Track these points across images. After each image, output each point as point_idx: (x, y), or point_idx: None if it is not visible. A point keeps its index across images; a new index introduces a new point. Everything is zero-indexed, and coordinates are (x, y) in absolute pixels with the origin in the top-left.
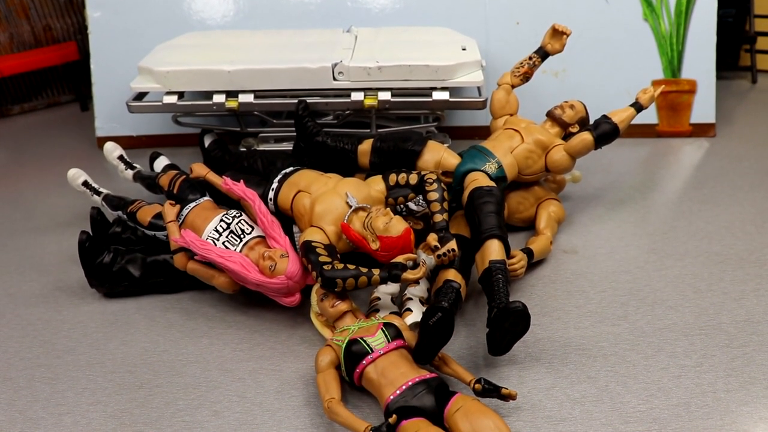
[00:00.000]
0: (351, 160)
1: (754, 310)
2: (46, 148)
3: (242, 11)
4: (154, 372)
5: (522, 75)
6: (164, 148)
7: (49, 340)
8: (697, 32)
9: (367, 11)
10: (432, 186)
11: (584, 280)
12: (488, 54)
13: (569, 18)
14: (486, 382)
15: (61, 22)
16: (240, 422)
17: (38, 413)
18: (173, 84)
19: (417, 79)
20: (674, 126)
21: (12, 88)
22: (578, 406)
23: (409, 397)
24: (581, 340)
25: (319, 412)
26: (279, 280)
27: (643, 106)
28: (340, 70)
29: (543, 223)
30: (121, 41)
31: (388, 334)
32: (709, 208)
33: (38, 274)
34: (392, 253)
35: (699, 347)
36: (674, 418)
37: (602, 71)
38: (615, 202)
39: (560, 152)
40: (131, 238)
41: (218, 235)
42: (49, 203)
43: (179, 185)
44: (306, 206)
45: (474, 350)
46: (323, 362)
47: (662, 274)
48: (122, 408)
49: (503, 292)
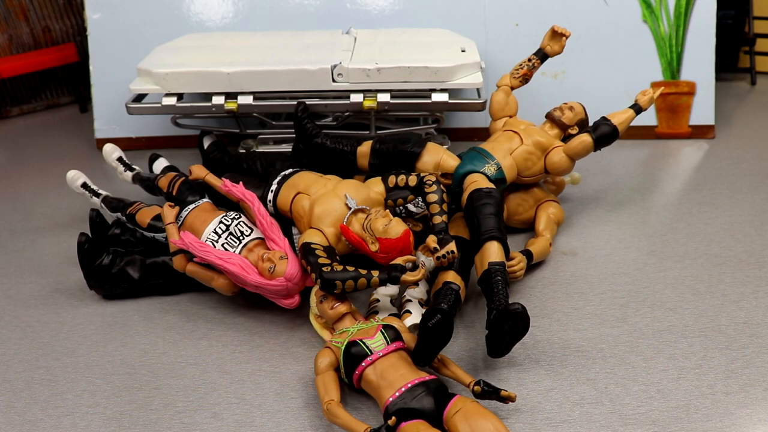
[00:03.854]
0: (350, 162)
1: (754, 312)
2: (45, 149)
3: (241, 13)
4: (153, 374)
5: (521, 77)
6: (163, 150)
7: (47, 342)
8: (696, 34)
9: (366, 13)
10: (431, 188)
11: (583, 282)
12: (487, 56)
13: (568, 20)
14: (485, 384)
15: (60, 23)
16: (239, 424)
17: (37, 415)
18: (172, 85)
19: (416, 80)
20: (673, 128)
21: (11, 90)
22: (577, 408)
23: (408, 399)
24: (580, 342)
25: (318, 413)
26: (278, 281)
27: (643, 107)
28: (339, 71)
29: (542, 225)
30: (120, 43)
31: (387, 335)
32: (709, 209)
33: (37, 275)
34: (391, 255)
35: (698, 349)
36: (673, 420)
37: (601, 73)
38: (614, 204)
39: (559, 154)
40: (130, 239)
41: (217, 237)
42: (48, 205)
43: (178, 187)
44: (305, 208)
45: (473, 352)
46: (322, 364)
47: (661, 276)
48: (121, 410)
49: (502, 294)
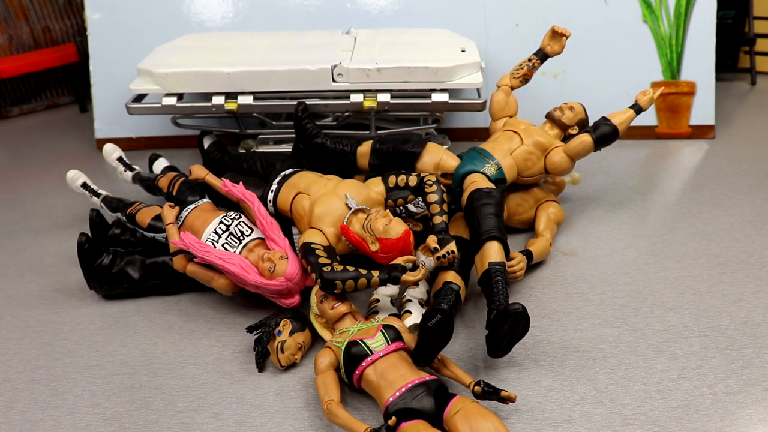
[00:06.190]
0: (350, 162)
1: (754, 312)
2: (45, 149)
3: (241, 13)
4: (154, 374)
5: (521, 77)
6: (163, 150)
7: (48, 342)
8: (696, 34)
9: (366, 13)
10: (431, 188)
11: (583, 282)
12: (487, 56)
13: (568, 20)
14: (485, 385)
15: (61, 23)
16: (239, 424)
17: (37, 415)
18: (172, 86)
19: (416, 80)
20: (673, 128)
21: (11, 90)
22: (578, 408)
23: (408, 399)
24: (580, 342)
25: (318, 414)
26: (278, 281)
27: (643, 107)
28: (339, 71)
29: (542, 225)
30: (121, 43)
31: (387, 336)
32: (709, 210)
33: (37, 275)
34: (391, 255)
35: (698, 349)
36: (673, 420)
37: (601, 73)
38: (614, 204)
39: (559, 154)
40: (130, 239)
41: (217, 237)
42: (48, 205)
43: (178, 187)
44: (305, 208)
45: (473, 352)
46: (322, 364)
47: (661, 276)
48: (121, 410)
49: (502, 294)
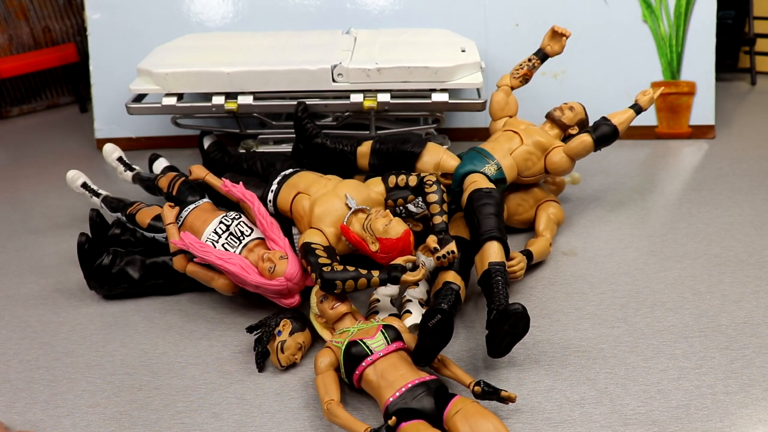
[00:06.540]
0: (350, 162)
1: (754, 312)
2: (45, 149)
3: (241, 13)
4: (153, 374)
5: (521, 77)
6: (163, 150)
7: (48, 342)
8: (696, 34)
9: (366, 13)
10: (431, 188)
11: (583, 282)
12: (487, 56)
13: (568, 20)
14: (485, 385)
15: (61, 23)
16: (239, 424)
17: (37, 415)
18: (172, 86)
19: (416, 80)
20: (673, 128)
21: (11, 90)
22: (578, 408)
23: (408, 399)
24: (580, 342)
25: (318, 414)
26: (278, 281)
27: (643, 107)
28: (339, 71)
29: (542, 225)
30: (121, 43)
31: (387, 336)
32: (709, 210)
33: (37, 275)
34: (391, 255)
35: (698, 349)
36: (673, 420)
37: (601, 73)
38: (614, 204)
39: (559, 154)
40: (130, 239)
41: (217, 237)
42: (48, 205)
43: (178, 187)
44: (305, 208)
45: (473, 352)
46: (322, 364)
47: (661, 276)
48: (121, 410)
49: (502, 294)
